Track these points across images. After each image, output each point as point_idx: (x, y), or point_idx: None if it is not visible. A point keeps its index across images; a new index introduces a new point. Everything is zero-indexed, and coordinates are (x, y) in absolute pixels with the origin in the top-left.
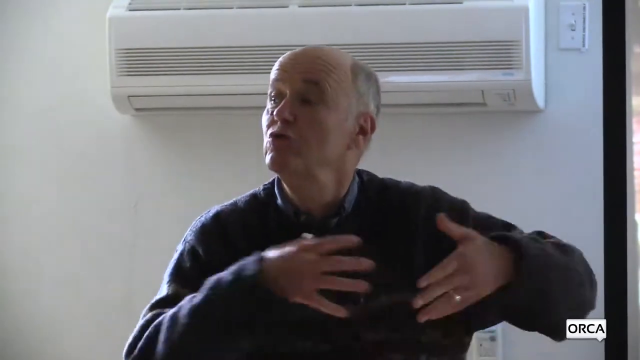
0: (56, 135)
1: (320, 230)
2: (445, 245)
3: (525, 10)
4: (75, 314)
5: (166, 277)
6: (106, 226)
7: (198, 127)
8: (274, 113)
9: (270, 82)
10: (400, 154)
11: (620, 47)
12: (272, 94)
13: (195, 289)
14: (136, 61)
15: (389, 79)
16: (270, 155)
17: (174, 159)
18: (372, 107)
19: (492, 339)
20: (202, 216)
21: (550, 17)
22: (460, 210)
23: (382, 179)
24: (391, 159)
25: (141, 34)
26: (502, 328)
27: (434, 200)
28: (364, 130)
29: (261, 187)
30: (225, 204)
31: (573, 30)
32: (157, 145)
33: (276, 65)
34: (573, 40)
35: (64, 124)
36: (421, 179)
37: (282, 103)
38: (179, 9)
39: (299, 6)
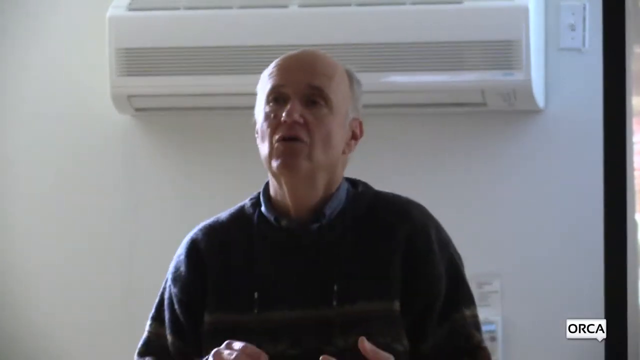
0: (56, 135)
1: (301, 235)
2: (421, 272)
3: (525, 10)
4: (74, 315)
5: (151, 312)
6: (106, 226)
7: (198, 127)
8: (284, 115)
9: (270, 86)
10: (399, 154)
11: (620, 47)
12: (272, 97)
13: (174, 330)
14: (136, 61)
15: (389, 79)
16: (281, 159)
17: (174, 158)
18: (360, 113)
19: (492, 338)
20: (184, 241)
21: (550, 17)
22: (441, 251)
23: (377, 192)
24: (391, 159)
25: (141, 34)
26: (502, 328)
27: (421, 226)
28: (355, 135)
29: (248, 199)
30: (209, 220)
31: (573, 30)
32: (157, 145)
33: (274, 69)
34: (573, 40)
35: (63, 123)
36: (421, 179)
37: (289, 105)
38: (178, 9)
39: (299, 6)
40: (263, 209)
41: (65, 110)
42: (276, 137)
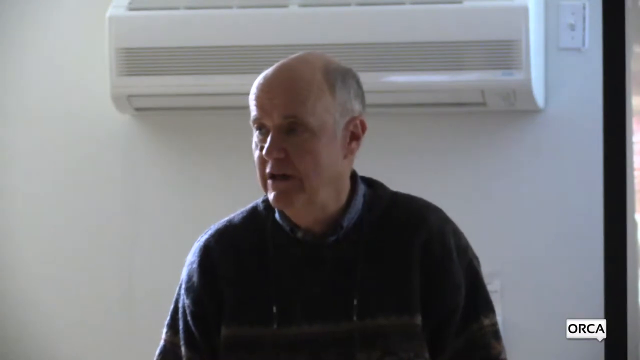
0: (56, 134)
1: (317, 247)
2: (439, 281)
3: (525, 10)
4: (74, 315)
5: (167, 319)
6: (106, 226)
7: (198, 127)
8: (264, 153)
9: (252, 115)
10: (400, 154)
11: (620, 47)
12: (256, 127)
13: (186, 342)
14: (136, 61)
15: (389, 79)
16: (274, 195)
17: (174, 158)
18: (357, 108)
19: None
20: (195, 246)
21: (550, 17)
22: (461, 259)
23: (394, 194)
24: (391, 159)
25: (141, 33)
26: (502, 328)
27: (438, 233)
28: (356, 135)
29: (261, 200)
30: (221, 221)
31: (573, 30)
32: (157, 145)
33: (254, 94)
34: (573, 40)
35: (63, 123)
36: (421, 180)
37: (268, 141)
38: (178, 9)
39: (299, 6)
40: (277, 216)
41: (65, 110)
42: (266, 171)
